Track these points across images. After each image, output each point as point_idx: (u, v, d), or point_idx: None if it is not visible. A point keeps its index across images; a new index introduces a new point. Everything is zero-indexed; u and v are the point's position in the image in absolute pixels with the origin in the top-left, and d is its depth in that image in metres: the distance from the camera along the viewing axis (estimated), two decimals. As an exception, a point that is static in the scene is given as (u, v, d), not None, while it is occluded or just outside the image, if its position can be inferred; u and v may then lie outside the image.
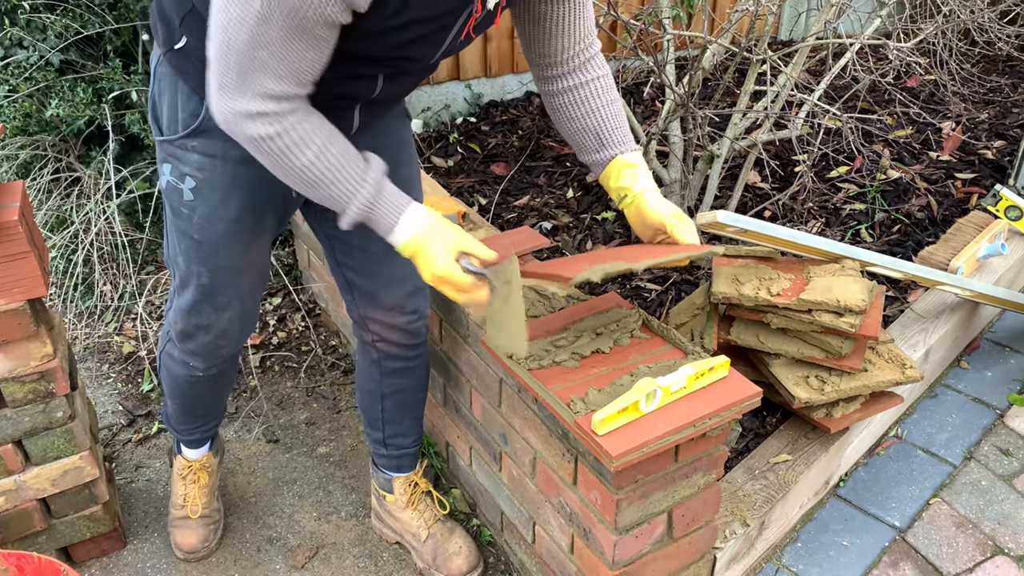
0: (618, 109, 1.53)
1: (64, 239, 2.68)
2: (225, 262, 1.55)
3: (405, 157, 1.61)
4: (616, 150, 1.51)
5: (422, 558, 1.90)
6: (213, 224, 1.50)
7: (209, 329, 1.65)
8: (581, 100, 1.51)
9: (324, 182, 1.27)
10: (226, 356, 1.73)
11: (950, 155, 3.11)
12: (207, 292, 1.59)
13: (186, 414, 1.89)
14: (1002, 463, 2.12)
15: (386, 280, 1.65)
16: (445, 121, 3.44)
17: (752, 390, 1.43)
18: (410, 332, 1.72)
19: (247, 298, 1.64)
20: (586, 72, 1.51)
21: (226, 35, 1.14)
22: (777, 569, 1.88)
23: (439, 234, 1.31)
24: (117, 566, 1.95)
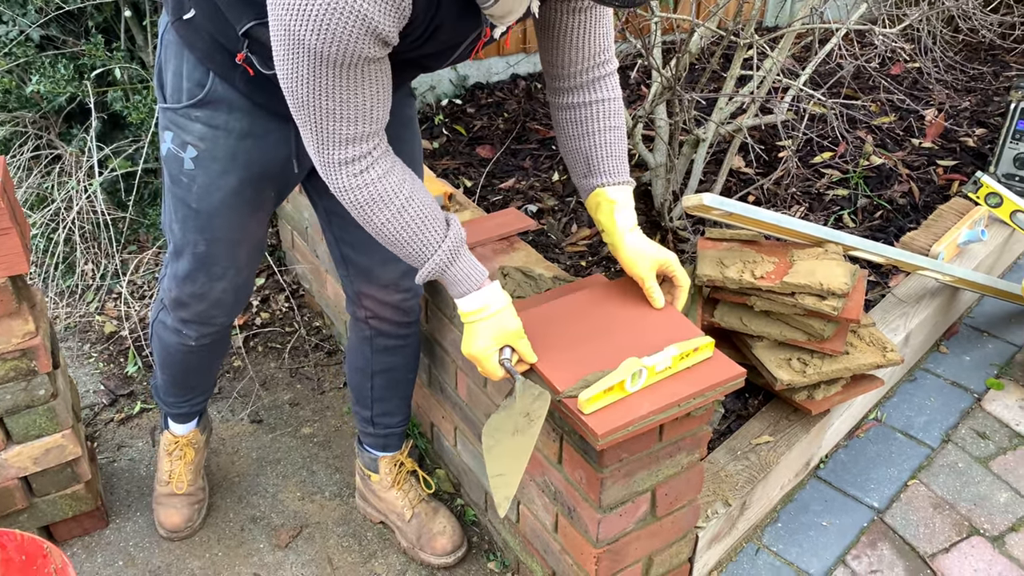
0: (616, 137, 1.48)
1: (45, 217, 2.66)
2: (222, 233, 1.54)
3: (408, 135, 1.61)
4: (601, 180, 1.48)
5: (406, 538, 1.90)
6: (212, 194, 1.50)
7: (203, 298, 1.64)
8: (580, 120, 1.48)
9: (398, 241, 1.32)
10: (219, 326, 1.72)
11: (932, 142, 3.13)
12: (203, 261, 1.58)
13: (176, 386, 1.88)
14: (979, 446, 2.16)
15: (383, 257, 1.65)
16: (430, 103, 3.43)
17: (736, 370, 1.44)
18: (404, 310, 1.72)
19: (243, 269, 1.63)
20: (593, 92, 1.46)
21: (292, 95, 1.18)
22: (758, 549, 1.91)
23: (498, 321, 1.36)
24: (99, 545, 1.95)
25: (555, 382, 1.38)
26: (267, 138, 1.48)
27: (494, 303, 1.36)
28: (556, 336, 1.48)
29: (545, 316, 1.51)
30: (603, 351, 1.43)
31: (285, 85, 1.18)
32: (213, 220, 1.53)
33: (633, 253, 1.47)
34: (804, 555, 1.89)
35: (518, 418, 1.38)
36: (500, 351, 1.39)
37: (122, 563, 1.91)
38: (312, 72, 1.14)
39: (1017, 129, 2.76)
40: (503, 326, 1.37)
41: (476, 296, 1.36)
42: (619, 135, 1.49)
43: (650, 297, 1.50)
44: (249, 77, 1.39)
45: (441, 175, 2.89)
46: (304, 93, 1.17)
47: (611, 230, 1.48)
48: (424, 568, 1.89)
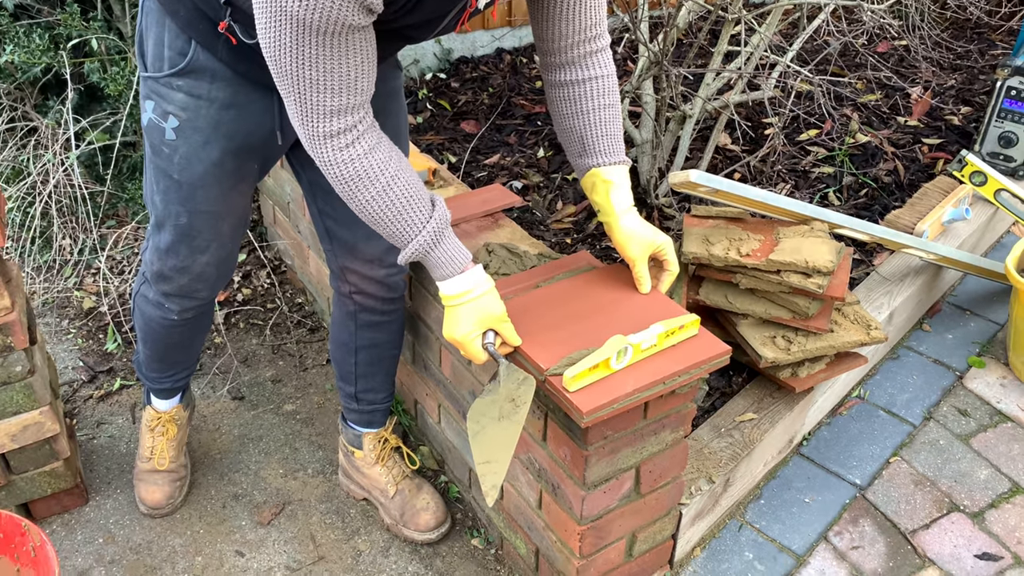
0: (610, 115, 1.46)
1: (21, 191, 2.61)
2: (204, 205, 1.52)
3: (394, 108, 1.58)
4: (596, 160, 1.46)
5: (389, 514, 1.90)
6: (193, 165, 1.47)
7: (186, 271, 1.62)
8: (574, 98, 1.45)
9: (382, 220, 1.30)
10: (201, 300, 1.70)
11: (918, 120, 3.13)
12: (185, 233, 1.56)
13: (159, 360, 1.86)
14: (960, 423, 2.17)
15: (367, 231, 1.63)
16: (414, 76, 3.39)
17: (721, 348, 1.44)
18: (388, 285, 1.70)
19: (226, 242, 1.61)
20: (585, 68, 1.44)
21: (275, 64, 1.16)
22: (741, 525, 1.91)
23: (481, 305, 1.35)
24: (79, 522, 1.93)
25: (540, 361, 1.37)
26: (250, 108, 1.45)
27: (477, 287, 1.35)
28: (541, 317, 1.47)
29: (530, 300, 1.50)
30: (588, 331, 1.42)
31: (268, 54, 1.15)
32: (195, 192, 1.50)
33: (627, 235, 1.46)
34: (787, 531, 1.90)
35: (503, 403, 1.37)
36: (483, 335, 1.37)
37: (102, 540, 1.89)
38: (295, 40, 1.11)
39: (1002, 108, 2.76)
40: (486, 310, 1.35)
41: (459, 279, 1.34)
42: (613, 113, 1.46)
43: (637, 281, 1.49)
44: (232, 46, 1.36)
45: (425, 150, 2.86)
46: (287, 63, 1.14)
47: (607, 211, 1.47)
48: (407, 544, 1.88)
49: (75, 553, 1.86)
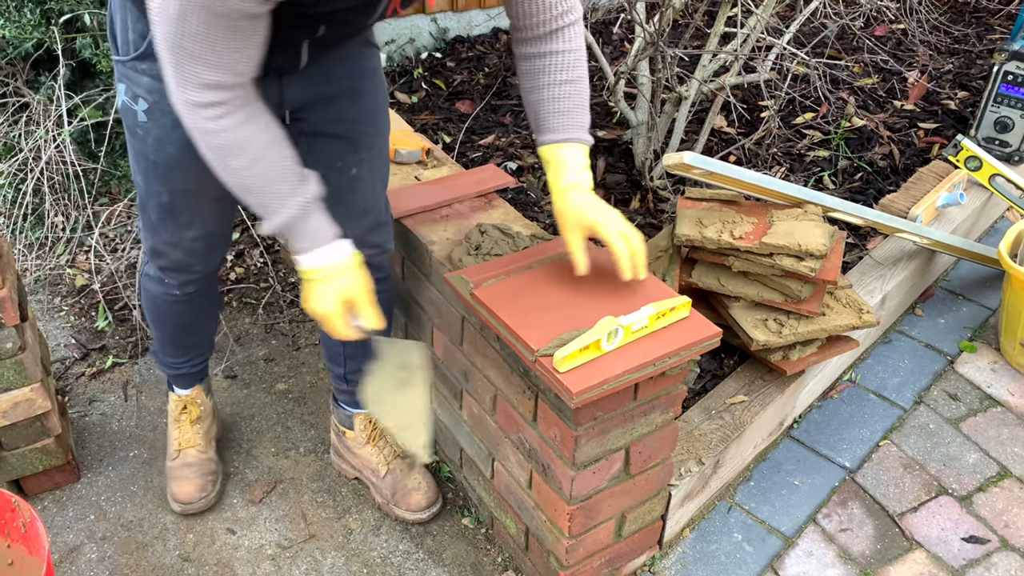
0: (565, 91, 1.42)
1: (12, 167, 2.59)
2: (182, 184, 1.52)
3: (368, 87, 1.57)
4: (545, 137, 1.44)
5: (381, 493, 1.90)
6: (166, 146, 1.47)
7: (176, 246, 1.62)
8: (533, 72, 1.43)
9: (251, 191, 1.30)
10: (198, 274, 1.70)
11: (914, 104, 3.12)
12: (168, 211, 1.57)
13: (173, 344, 1.86)
14: (950, 407, 2.18)
15: (348, 213, 1.62)
16: (409, 56, 3.37)
17: (712, 330, 1.44)
18: (372, 266, 1.70)
19: (210, 220, 1.61)
20: (551, 43, 1.41)
21: (158, 28, 1.16)
22: (730, 507, 1.92)
23: (345, 280, 1.35)
24: (71, 499, 1.93)
25: (530, 341, 1.37)
26: None
27: (341, 261, 1.35)
28: (532, 298, 1.47)
29: (522, 281, 1.49)
30: (579, 312, 1.42)
31: (153, 18, 1.16)
32: (172, 172, 1.50)
33: (559, 212, 1.44)
34: (776, 513, 1.91)
35: (395, 373, 1.38)
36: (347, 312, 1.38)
37: (93, 517, 1.89)
38: (180, 12, 1.11)
39: (999, 92, 2.75)
40: (349, 286, 1.36)
41: (321, 253, 1.34)
42: (571, 89, 1.43)
43: (571, 260, 1.46)
44: None
45: (419, 130, 2.85)
46: (170, 31, 1.14)
47: (552, 189, 1.45)
48: (398, 524, 1.89)
49: (66, 529, 1.86)
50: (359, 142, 1.57)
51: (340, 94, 1.52)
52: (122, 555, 1.82)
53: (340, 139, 1.56)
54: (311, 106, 1.52)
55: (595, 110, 3.04)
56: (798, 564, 1.81)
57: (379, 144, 1.62)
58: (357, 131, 1.57)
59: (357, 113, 1.55)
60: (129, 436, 2.09)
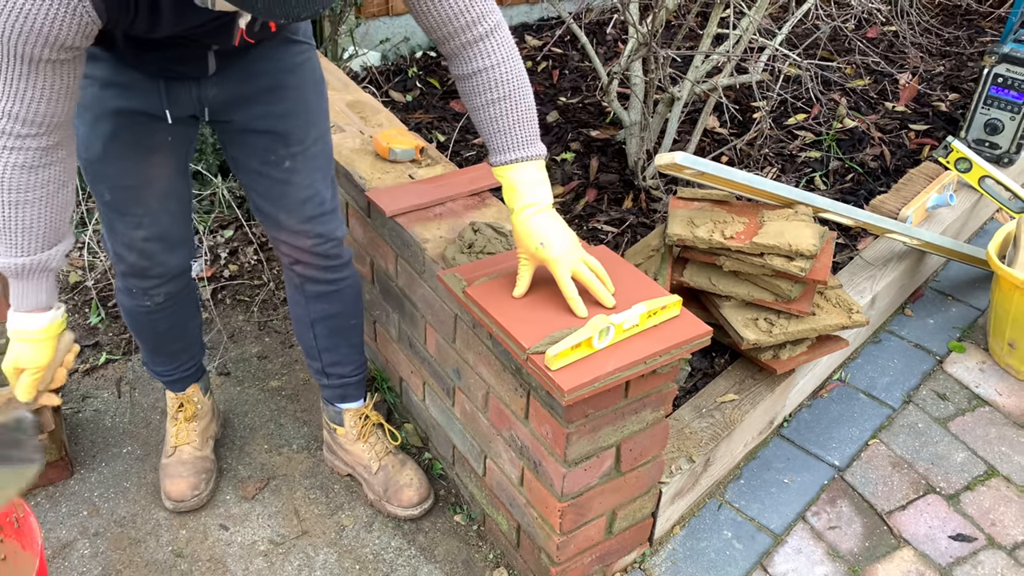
0: (505, 108, 1.38)
1: (6, 163, 2.59)
2: (120, 180, 1.53)
3: (293, 82, 1.56)
4: (495, 158, 1.42)
5: (373, 490, 1.91)
6: (93, 143, 1.49)
7: (130, 248, 1.63)
8: (467, 93, 1.40)
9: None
10: (159, 279, 1.70)
11: (905, 106, 3.14)
12: (114, 209, 1.58)
13: (158, 354, 1.87)
14: (938, 407, 2.20)
15: (286, 204, 1.64)
16: (404, 54, 3.37)
17: (703, 328, 1.45)
18: (320, 255, 1.70)
19: (159, 216, 1.61)
20: (468, 62, 1.37)
21: None
22: (720, 504, 1.94)
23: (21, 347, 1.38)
24: (64, 495, 1.94)
25: (522, 339, 1.38)
26: (132, 89, 1.46)
27: (28, 330, 1.37)
28: (523, 298, 1.48)
29: (513, 280, 1.50)
30: (570, 311, 1.43)
31: None
32: (105, 168, 1.52)
33: (514, 237, 1.44)
34: (765, 511, 1.92)
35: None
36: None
37: (87, 513, 1.90)
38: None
39: (989, 95, 2.77)
40: (24, 355, 1.39)
41: (23, 319, 1.37)
42: (506, 107, 1.38)
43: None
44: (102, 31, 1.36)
45: (414, 128, 2.85)
46: None
47: (514, 208, 1.42)
48: (391, 520, 1.90)
49: (59, 525, 1.87)
50: (289, 136, 1.58)
51: (261, 92, 1.53)
52: (115, 551, 1.82)
53: (269, 134, 1.57)
54: (233, 105, 1.53)
55: (589, 110, 3.06)
56: (787, 561, 1.82)
57: (313, 135, 1.62)
58: (286, 125, 1.57)
59: (283, 108, 1.56)
60: (122, 432, 2.09)
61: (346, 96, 2.30)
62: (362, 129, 2.17)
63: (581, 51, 3.43)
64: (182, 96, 1.49)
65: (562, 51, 3.46)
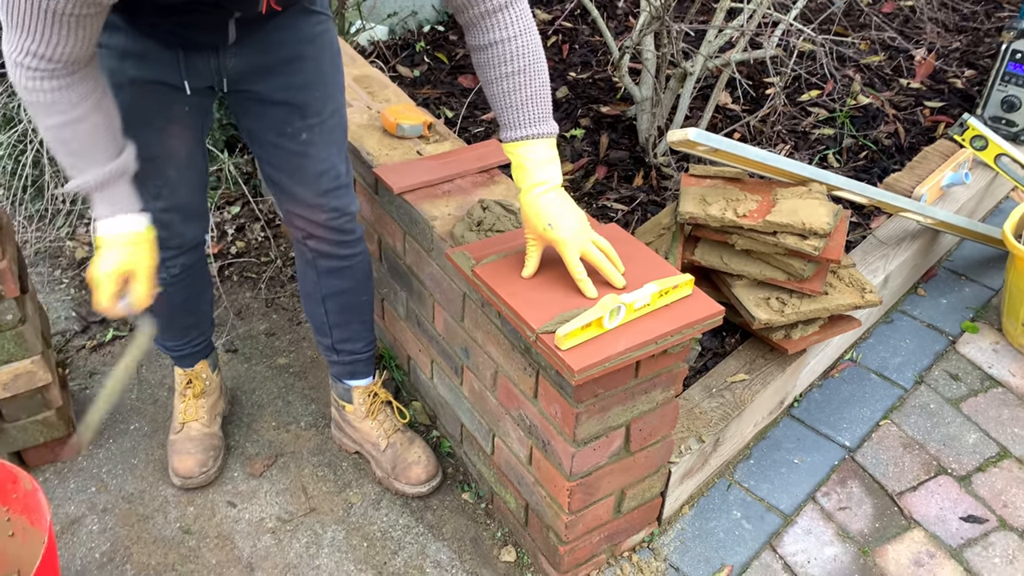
0: (519, 82, 1.35)
1: (11, 139, 2.58)
2: (139, 152, 1.52)
3: (312, 53, 1.55)
4: (505, 134, 1.39)
5: (381, 467, 1.91)
6: None
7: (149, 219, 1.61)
8: (482, 66, 1.38)
9: (62, 151, 1.31)
10: (177, 250, 1.69)
11: (921, 82, 3.10)
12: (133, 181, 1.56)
13: (170, 327, 1.86)
14: (951, 387, 2.18)
15: (302, 177, 1.62)
16: (412, 29, 3.33)
17: (715, 308, 1.43)
18: (334, 228, 1.69)
19: (178, 189, 1.60)
20: (490, 31, 1.34)
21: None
22: (729, 484, 1.93)
23: (126, 250, 1.37)
24: (72, 471, 1.94)
25: (531, 320, 1.37)
26: (150, 59, 1.46)
27: (131, 231, 1.37)
28: (533, 278, 1.46)
29: (522, 259, 1.48)
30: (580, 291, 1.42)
31: None
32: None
33: (522, 216, 1.42)
34: (775, 491, 1.91)
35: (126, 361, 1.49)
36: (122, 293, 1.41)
37: (95, 489, 1.90)
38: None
39: (1007, 71, 2.73)
40: (132, 256, 1.38)
41: (115, 221, 1.36)
42: (520, 81, 1.35)
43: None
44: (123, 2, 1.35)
45: (421, 104, 2.83)
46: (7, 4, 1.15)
47: (522, 187, 1.40)
48: (398, 497, 1.90)
49: (68, 501, 1.87)
50: (306, 108, 1.56)
51: (280, 62, 1.51)
52: (123, 527, 1.83)
53: (287, 105, 1.55)
54: (251, 76, 1.51)
55: (599, 85, 3.02)
56: (796, 541, 1.81)
57: (330, 108, 1.61)
58: (303, 97, 1.55)
59: (301, 80, 1.55)
60: (130, 409, 2.09)
61: (353, 71, 2.27)
62: (369, 104, 2.15)
63: (592, 25, 3.39)
64: (200, 66, 1.48)
65: (572, 25, 3.42)
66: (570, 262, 1.40)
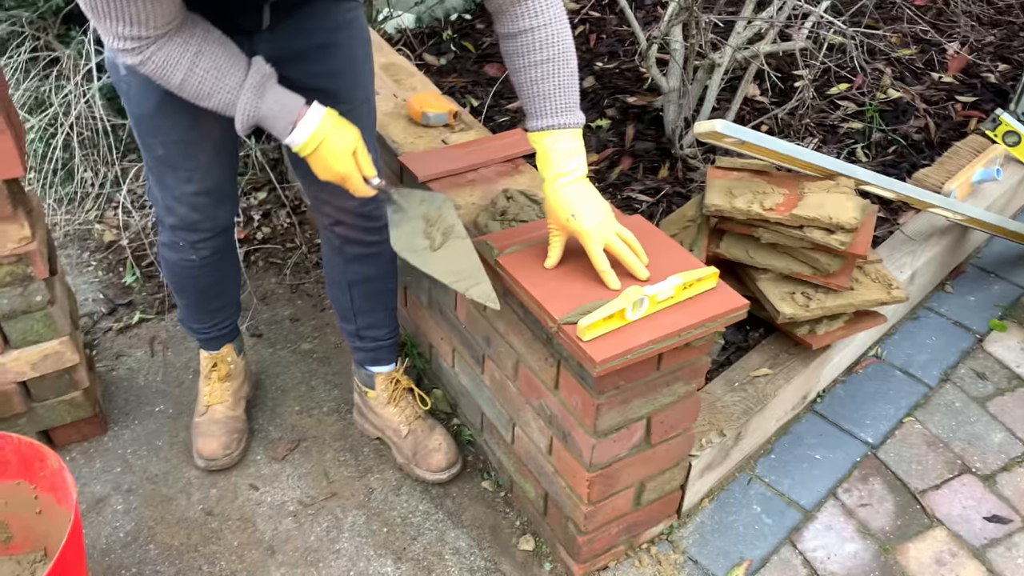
0: (547, 71, 1.35)
1: (42, 122, 2.61)
2: (174, 134, 1.53)
3: (343, 40, 1.54)
4: (532, 123, 1.39)
5: (402, 453, 1.92)
6: (146, 99, 1.49)
7: (181, 201, 1.63)
8: (511, 54, 1.38)
9: (203, 95, 1.31)
10: (208, 232, 1.70)
11: (953, 77, 3.05)
12: (166, 164, 1.58)
13: (198, 309, 1.88)
14: (977, 386, 2.16)
15: None
16: (439, 17, 3.33)
17: (739, 302, 1.42)
18: (364, 215, 1.69)
19: (210, 172, 1.61)
20: (521, 18, 1.34)
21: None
22: (750, 479, 1.92)
23: (340, 136, 1.35)
24: (98, 451, 1.97)
25: (552, 311, 1.36)
26: None
27: (324, 121, 1.35)
28: (557, 266, 1.46)
29: (545, 250, 1.48)
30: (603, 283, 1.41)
31: None
32: (159, 122, 1.52)
33: (545, 207, 1.42)
34: (796, 487, 1.90)
35: (428, 231, 1.42)
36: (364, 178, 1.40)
37: (120, 469, 1.93)
38: None
39: (1042, 66, 2.68)
40: (347, 138, 1.36)
41: (305, 123, 1.34)
42: (548, 69, 1.35)
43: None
44: None
45: (447, 92, 2.82)
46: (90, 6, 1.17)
47: (546, 177, 1.40)
48: (419, 484, 1.91)
49: (93, 480, 1.90)
50: (338, 95, 1.55)
51: (312, 48, 1.51)
52: (147, 507, 1.85)
53: (318, 92, 1.55)
54: (284, 62, 1.51)
55: (626, 76, 3.00)
56: (817, 537, 1.80)
57: (360, 95, 1.61)
58: (335, 84, 1.55)
59: (332, 67, 1.55)
60: (155, 391, 2.12)
61: (380, 58, 2.27)
62: (395, 92, 2.15)
63: (619, 15, 3.37)
64: None
65: (599, 15, 3.40)
66: (593, 253, 1.39)
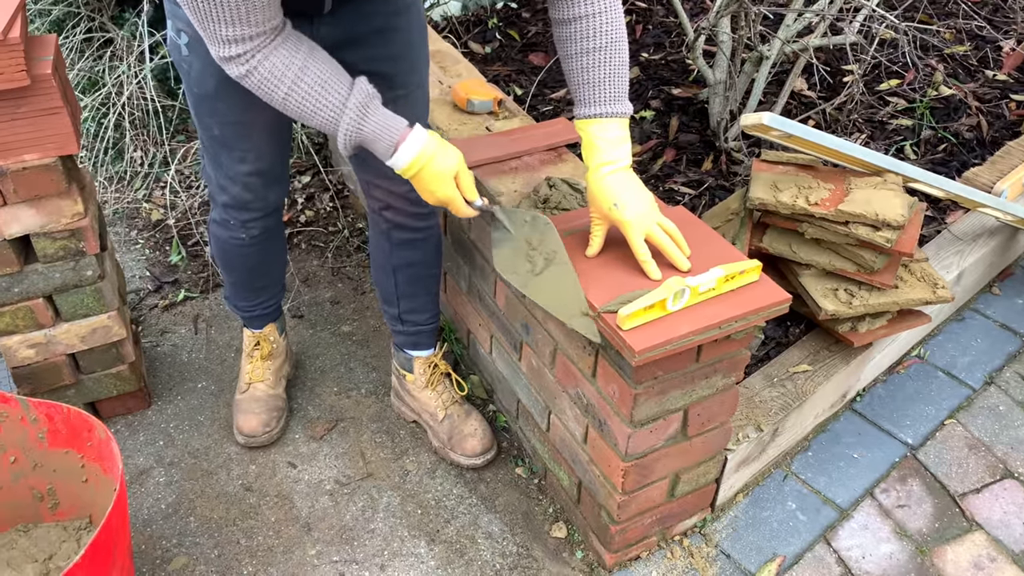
0: (599, 59, 1.35)
1: (95, 101, 2.66)
2: (230, 115, 1.55)
3: (402, 24, 1.55)
4: (580, 110, 1.39)
5: (438, 437, 1.94)
6: (207, 79, 1.51)
7: (234, 180, 1.66)
8: (563, 40, 1.38)
9: (306, 113, 1.30)
10: (259, 212, 1.74)
11: (1008, 74, 2.98)
12: (221, 144, 1.61)
13: (244, 288, 1.91)
14: (1022, 390, 2.11)
15: None
16: (485, 5, 3.33)
17: (782, 296, 1.41)
18: (414, 201, 1.70)
19: (264, 153, 1.64)
20: (573, 6, 1.34)
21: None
22: (786, 475, 1.91)
23: (443, 160, 1.35)
24: (142, 424, 2.01)
25: (593, 299, 1.37)
26: None
27: (428, 144, 1.34)
28: (597, 256, 1.46)
29: (587, 238, 1.48)
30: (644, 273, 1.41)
31: None
32: (216, 104, 1.54)
33: (588, 195, 1.41)
34: (832, 485, 1.89)
35: (530, 254, 1.41)
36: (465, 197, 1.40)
37: (162, 443, 1.97)
38: None
39: (1101, 65, 2.61)
40: (449, 162, 1.36)
41: (408, 146, 1.33)
42: (600, 57, 1.35)
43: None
44: None
45: (492, 80, 2.83)
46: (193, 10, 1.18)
47: (591, 165, 1.40)
48: (453, 468, 1.92)
49: (137, 453, 1.95)
50: (395, 79, 1.57)
51: (372, 33, 1.52)
52: (188, 481, 1.89)
53: (376, 76, 1.55)
54: (344, 45, 1.52)
55: (671, 67, 2.98)
56: (852, 536, 1.79)
57: (416, 80, 1.61)
58: (392, 68, 1.56)
59: (391, 51, 1.55)
60: (198, 368, 2.16)
61: (427, 45, 2.28)
62: (441, 79, 2.16)
63: (666, 5, 3.34)
64: None
65: (646, 5, 3.37)
66: (634, 243, 1.39)
